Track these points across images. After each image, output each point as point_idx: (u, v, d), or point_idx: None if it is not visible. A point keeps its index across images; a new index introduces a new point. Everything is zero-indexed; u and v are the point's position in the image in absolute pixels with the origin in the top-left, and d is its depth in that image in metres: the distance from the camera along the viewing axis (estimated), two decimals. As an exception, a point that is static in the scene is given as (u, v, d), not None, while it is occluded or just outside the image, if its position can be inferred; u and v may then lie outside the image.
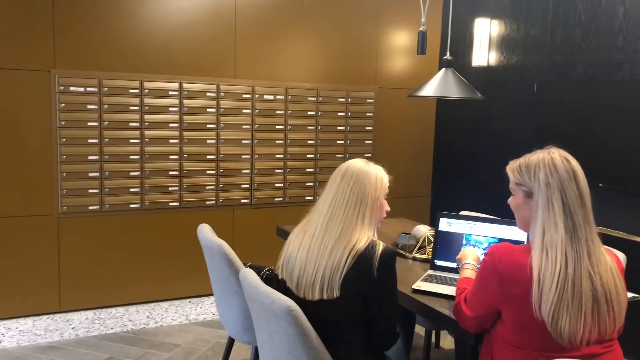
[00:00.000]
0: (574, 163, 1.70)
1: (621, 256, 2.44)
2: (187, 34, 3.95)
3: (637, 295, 2.22)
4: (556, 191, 1.64)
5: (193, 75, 4.00)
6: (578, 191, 1.66)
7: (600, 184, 3.49)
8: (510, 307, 1.67)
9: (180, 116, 3.96)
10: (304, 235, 1.94)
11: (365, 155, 4.63)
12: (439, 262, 2.47)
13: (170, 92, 3.92)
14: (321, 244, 1.86)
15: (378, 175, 1.95)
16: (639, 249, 3.33)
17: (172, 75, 3.93)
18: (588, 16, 3.65)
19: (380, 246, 1.84)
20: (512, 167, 1.77)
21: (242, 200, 4.23)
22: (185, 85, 3.95)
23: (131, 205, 3.89)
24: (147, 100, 3.85)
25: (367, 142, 4.68)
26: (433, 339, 3.44)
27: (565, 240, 1.61)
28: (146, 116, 3.86)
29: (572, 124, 3.68)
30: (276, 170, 4.32)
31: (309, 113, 4.39)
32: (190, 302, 4.09)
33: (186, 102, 3.97)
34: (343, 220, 1.86)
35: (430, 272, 2.43)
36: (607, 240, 3.38)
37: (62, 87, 3.63)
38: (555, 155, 1.70)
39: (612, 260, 1.68)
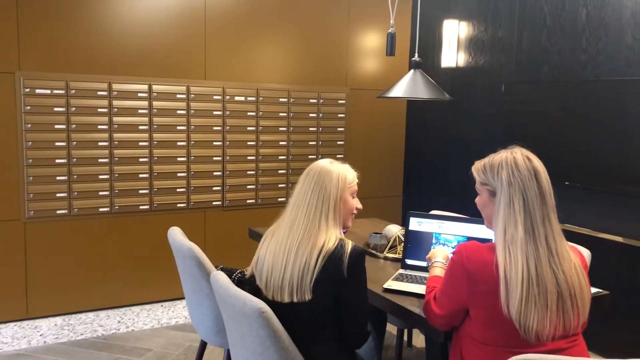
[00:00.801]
0: (536, 162, 1.74)
1: (586, 253, 2.50)
2: (156, 35, 3.92)
3: (601, 291, 2.27)
4: (517, 190, 1.68)
5: (162, 76, 3.96)
6: (539, 190, 1.69)
7: (566, 182, 3.57)
8: (478, 305, 1.70)
9: (150, 118, 3.92)
10: (272, 238, 1.94)
11: (337, 156, 4.65)
12: (409, 261, 2.49)
13: (140, 94, 3.88)
14: (286, 246, 1.87)
15: (340, 174, 1.94)
16: (605, 246, 3.42)
17: (141, 77, 3.89)
18: (553, 18, 3.73)
19: (349, 245, 1.85)
20: (477, 168, 1.81)
21: (214, 203, 4.21)
22: (154, 86, 3.91)
23: (100, 209, 3.83)
24: (115, 103, 3.81)
25: (339, 142, 4.70)
26: (405, 338, 3.48)
27: (524, 238, 1.64)
28: (115, 118, 3.81)
29: (538, 123, 3.75)
30: (248, 172, 4.31)
31: (280, 114, 4.39)
32: (162, 306, 4.05)
33: (156, 103, 3.93)
34: (305, 221, 1.87)
35: (401, 271, 2.46)
36: (574, 237, 3.47)
37: (27, 90, 3.56)
38: (518, 154, 1.74)
39: (576, 256, 1.72)
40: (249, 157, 4.29)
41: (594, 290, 2.25)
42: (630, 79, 3.25)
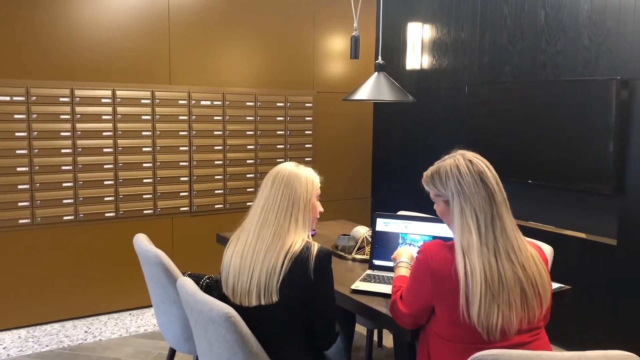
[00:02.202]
0: (479, 164, 1.76)
1: (548, 249, 2.55)
2: (119, 40, 3.87)
3: (563, 286, 2.33)
4: (466, 198, 1.71)
5: (126, 82, 3.91)
6: (486, 191, 1.72)
7: (529, 181, 3.65)
8: (443, 302, 1.72)
9: (114, 124, 3.87)
10: (237, 242, 1.93)
11: (306, 159, 4.66)
12: (377, 262, 2.51)
13: (103, 100, 3.82)
14: (254, 250, 1.86)
15: (309, 177, 1.96)
16: (568, 242, 3.50)
17: (104, 83, 3.83)
18: (513, 20, 3.81)
19: (315, 247, 1.85)
20: (426, 181, 1.84)
21: (181, 209, 4.17)
22: (118, 92, 3.86)
23: (65, 217, 3.76)
24: (78, 109, 3.74)
25: (307, 146, 4.71)
26: (376, 338, 3.50)
27: (479, 242, 1.68)
28: (78, 125, 3.75)
29: (501, 124, 3.83)
30: (216, 177, 4.28)
31: (247, 118, 4.38)
32: (130, 314, 3.99)
33: (120, 109, 3.88)
34: (275, 225, 1.87)
35: (368, 272, 2.47)
36: (538, 234, 3.55)
37: (-14, 97, 3.48)
38: (460, 160, 1.77)
39: (534, 250, 1.76)
40: (216, 162, 4.27)
41: (556, 285, 2.31)
42: (588, 78, 3.34)
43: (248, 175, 4.42)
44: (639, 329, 3.18)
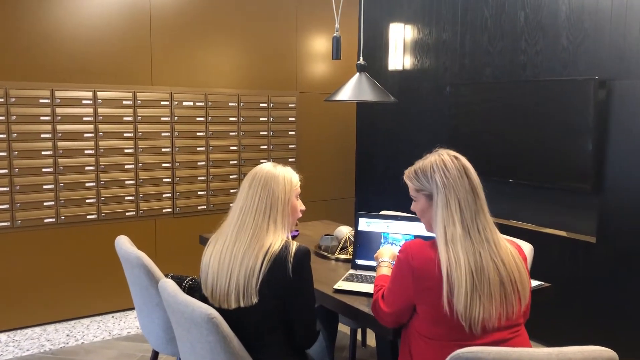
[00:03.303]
0: (463, 160, 1.81)
1: (528, 247, 2.58)
2: (100, 41, 3.84)
3: (543, 283, 2.36)
4: (451, 190, 1.74)
5: (107, 83, 3.88)
6: (470, 185, 1.76)
7: (510, 180, 3.69)
8: (424, 301, 1.74)
9: (96, 125, 3.84)
10: (216, 244, 1.93)
11: (289, 159, 4.66)
12: (359, 262, 2.52)
13: (84, 101, 3.79)
14: (232, 253, 1.86)
15: (286, 177, 1.96)
16: (548, 240, 3.55)
17: (85, 84, 3.80)
18: (493, 21, 3.85)
19: (294, 246, 1.86)
20: (409, 176, 1.86)
21: (164, 210, 4.15)
22: (99, 93, 3.83)
23: (46, 220, 3.72)
24: (59, 110, 3.71)
25: (290, 146, 4.71)
26: (359, 338, 3.51)
27: (463, 235, 1.71)
28: (59, 127, 3.71)
29: (482, 124, 3.86)
30: (199, 178, 4.26)
31: (230, 119, 4.37)
32: (113, 317, 3.96)
33: (101, 110, 3.85)
34: (253, 227, 1.87)
35: (351, 271, 2.48)
36: (518, 232, 3.59)
37: (-36, 98, 3.43)
38: (445, 156, 1.81)
39: (513, 247, 1.79)
40: (199, 163, 4.25)
41: (536, 282, 2.34)
42: (567, 78, 3.39)
43: (231, 177, 4.41)
44: (617, 326, 3.23)
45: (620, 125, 3.16)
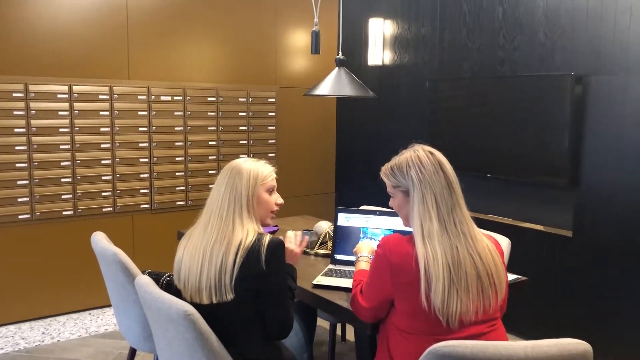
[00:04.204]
0: (438, 155, 1.82)
1: (505, 241, 2.60)
2: (75, 33, 3.77)
3: (520, 277, 2.38)
4: (427, 185, 1.75)
5: (83, 77, 3.82)
6: (446, 180, 1.77)
7: (488, 175, 3.72)
8: (402, 296, 1.74)
9: (71, 120, 3.77)
10: (189, 240, 1.93)
11: (269, 154, 4.64)
12: (338, 257, 2.52)
13: (59, 95, 3.72)
14: (202, 250, 1.85)
15: (252, 172, 1.95)
16: (526, 234, 3.59)
17: (60, 78, 3.73)
18: (472, 16, 3.86)
19: (267, 238, 1.85)
20: (385, 173, 1.87)
21: (142, 206, 4.10)
22: (75, 87, 3.77)
23: (20, 216, 3.65)
24: (33, 105, 3.64)
25: (270, 141, 4.69)
26: (339, 332, 3.52)
27: (439, 230, 1.72)
28: (33, 121, 3.64)
29: (461, 119, 3.89)
30: (177, 173, 4.22)
31: (209, 114, 4.33)
32: (90, 314, 3.91)
33: (77, 105, 3.78)
34: (218, 223, 1.87)
35: (330, 266, 2.48)
36: (496, 227, 3.62)
37: None
38: (420, 152, 1.82)
39: (490, 241, 1.80)
40: (177, 158, 4.21)
41: (513, 276, 2.36)
42: (544, 74, 3.42)
43: (210, 172, 4.37)
44: (592, 318, 3.28)
45: (596, 121, 3.20)
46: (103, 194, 3.93)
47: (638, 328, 3.08)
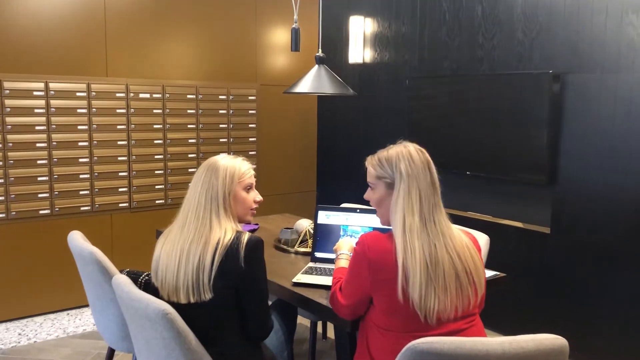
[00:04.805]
0: (427, 154, 1.84)
1: (484, 238, 2.62)
2: (52, 29, 3.71)
3: (498, 273, 2.40)
4: (414, 180, 1.76)
5: (60, 74, 3.76)
6: (431, 179, 1.79)
7: (467, 172, 3.74)
8: (380, 292, 1.74)
9: (48, 118, 3.72)
10: (167, 238, 1.91)
11: (250, 152, 4.62)
12: (318, 254, 2.52)
13: (35, 93, 3.66)
14: (180, 248, 1.83)
15: (228, 170, 1.93)
16: (505, 231, 3.62)
17: (36, 75, 3.67)
18: (451, 14, 3.88)
19: (246, 236, 1.84)
20: (372, 162, 1.87)
21: (121, 205, 4.05)
22: (51, 84, 3.71)
23: (-5, 216, 3.60)
24: (8, 102, 3.57)
25: (251, 139, 4.67)
26: (320, 330, 3.52)
27: (420, 226, 1.73)
28: (8, 119, 3.58)
29: (441, 117, 3.90)
30: (156, 172, 4.18)
31: (188, 111, 4.30)
32: (68, 314, 3.86)
33: (53, 102, 3.73)
34: (196, 221, 1.85)
35: (310, 264, 2.48)
36: (476, 224, 3.64)
37: None
38: (411, 148, 1.83)
39: (468, 239, 1.81)
40: (156, 156, 4.17)
41: (491, 273, 2.38)
42: (523, 72, 3.45)
43: (190, 170, 4.34)
44: (571, 314, 3.32)
45: (574, 118, 3.24)
46: (81, 192, 3.88)
47: (614, 323, 3.12)
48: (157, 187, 4.20)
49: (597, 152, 3.15)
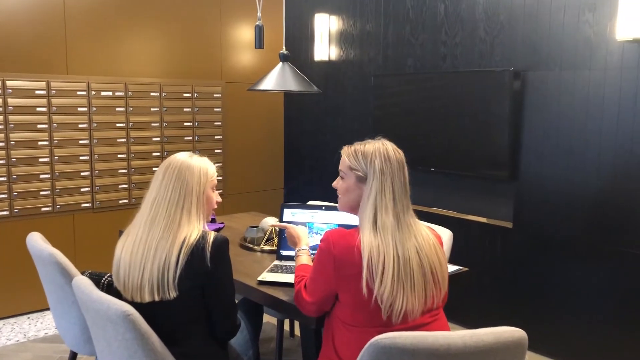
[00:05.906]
0: (403, 155, 1.86)
1: (447, 233, 2.66)
2: (8, 25, 3.61)
3: (461, 268, 2.43)
4: (388, 179, 1.78)
5: (18, 71, 3.66)
6: (404, 180, 1.82)
7: (432, 169, 3.79)
8: (345, 288, 1.75)
9: (5, 117, 3.62)
10: (128, 237, 1.87)
11: (216, 151, 4.58)
12: (284, 252, 2.51)
13: (-8, 91, 3.56)
14: (145, 245, 1.80)
15: (202, 168, 1.91)
16: (469, 227, 3.67)
17: (-8, 72, 3.57)
18: (415, 12, 3.92)
19: (212, 235, 1.83)
20: (347, 152, 1.87)
21: (83, 205, 3.97)
22: (9, 82, 3.61)
23: (-49, 218, 3.48)
24: (-37, 100, 3.47)
25: (216, 137, 4.63)
26: (287, 328, 3.52)
27: (394, 224, 1.74)
28: (-37, 118, 3.47)
29: (405, 114, 3.94)
30: (119, 171, 4.11)
31: (152, 109, 4.24)
32: (28, 318, 3.77)
33: (11, 101, 3.63)
34: (166, 219, 1.82)
35: (276, 262, 2.47)
36: (440, 219, 3.69)
37: None
38: (388, 146, 1.84)
39: (433, 236, 1.84)
40: (119, 156, 4.10)
41: (454, 267, 2.41)
42: (484, 69, 3.50)
43: (154, 169, 4.22)
44: (532, 307, 3.39)
45: (534, 115, 3.31)
46: (41, 193, 3.79)
47: (574, 316, 3.21)
48: (120, 186, 4.13)
49: (557, 148, 3.22)
